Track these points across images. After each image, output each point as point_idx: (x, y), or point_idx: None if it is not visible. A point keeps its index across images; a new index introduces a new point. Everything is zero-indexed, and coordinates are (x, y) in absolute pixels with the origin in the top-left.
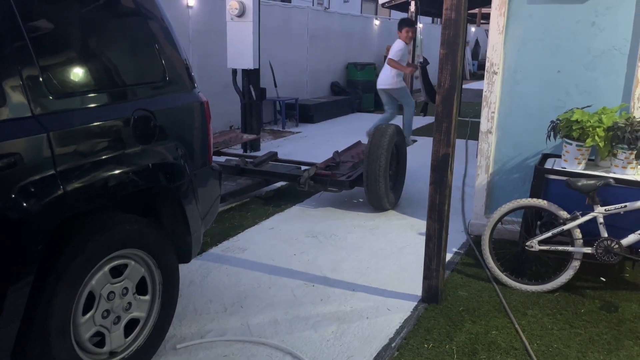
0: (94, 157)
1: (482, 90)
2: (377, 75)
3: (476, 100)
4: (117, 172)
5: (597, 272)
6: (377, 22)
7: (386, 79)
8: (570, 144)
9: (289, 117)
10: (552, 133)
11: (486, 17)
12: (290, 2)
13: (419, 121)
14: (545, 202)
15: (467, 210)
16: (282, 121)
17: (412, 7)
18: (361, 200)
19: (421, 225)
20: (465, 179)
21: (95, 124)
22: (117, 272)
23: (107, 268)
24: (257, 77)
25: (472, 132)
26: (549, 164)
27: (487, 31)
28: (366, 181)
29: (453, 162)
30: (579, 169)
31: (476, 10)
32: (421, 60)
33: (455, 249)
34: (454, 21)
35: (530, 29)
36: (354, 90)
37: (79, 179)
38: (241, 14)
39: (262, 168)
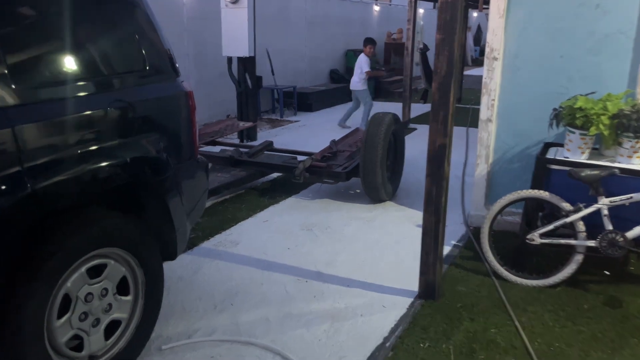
0: (66, 152)
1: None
2: (377, 62)
3: (477, 87)
4: (92, 167)
5: (601, 265)
6: (376, 7)
7: (356, 83)
8: (574, 133)
9: (287, 105)
10: (554, 121)
11: (488, 1)
12: None
13: (419, 109)
14: (547, 193)
15: (467, 201)
16: (280, 110)
17: None
18: (358, 191)
19: (419, 217)
20: (466, 169)
21: (67, 116)
22: (96, 272)
23: (84, 268)
24: (252, 65)
25: (472, 119)
26: (551, 153)
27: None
28: (362, 172)
29: (450, 152)
30: (582, 158)
31: None
32: (421, 46)
33: (454, 242)
34: (451, 4)
35: (531, 12)
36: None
37: (50, 176)
38: (236, 0)
39: (256, 159)
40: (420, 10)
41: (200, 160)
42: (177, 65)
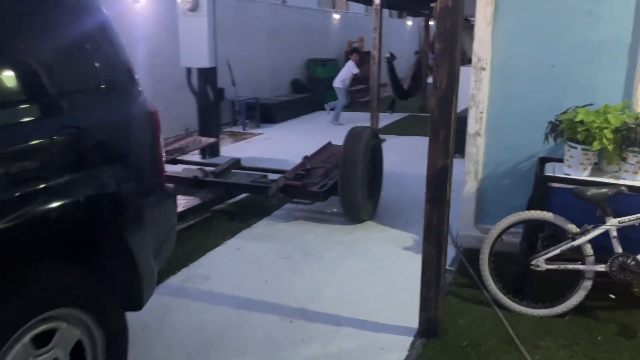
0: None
1: None
2: (339, 72)
3: None
4: (36, 212)
5: (605, 288)
6: (336, 16)
7: (337, 82)
8: (575, 148)
9: (249, 117)
10: (552, 135)
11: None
12: None
13: (386, 118)
14: (551, 214)
15: (454, 219)
16: (243, 122)
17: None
18: (335, 210)
19: (403, 237)
20: None
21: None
22: (43, 339)
23: (27, 338)
24: (213, 76)
25: None
26: (549, 169)
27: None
28: (341, 192)
29: (451, 175)
30: (585, 175)
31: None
32: (388, 55)
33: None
34: (452, 9)
35: (520, 19)
36: (315, 87)
37: None
38: (194, 7)
39: (224, 179)
40: None
41: (167, 190)
42: (137, 80)
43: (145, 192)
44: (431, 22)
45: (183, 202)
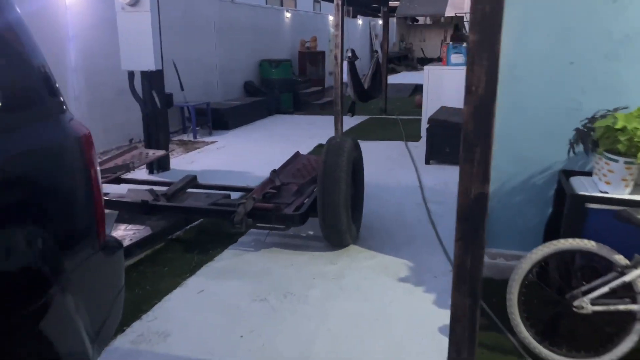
0: None
1: (406, 84)
2: (294, 73)
3: (398, 95)
4: None
5: None
6: (288, 14)
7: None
8: (616, 161)
9: (200, 124)
10: (581, 145)
11: (392, 10)
12: None
13: (347, 122)
14: (594, 244)
15: (446, 238)
16: (193, 130)
17: None
18: (312, 233)
19: (395, 264)
20: (424, 193)
21: None
22: None
23: None
24: (160, 80)
25: (405, 132)
26: (579, 186)
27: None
28: (322, 214)
29: (487, 205)
30: (626, 193)
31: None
32: (349, 54)
33: (442, 297)
34: None
35: (532, 10)
36: (270, 90)
37: None
38: (135, 2)
39: (179, 203)
40: (330, 17)
41: (109, 243)
42: (59, 92)
43: (74, 250)
44: (380, 22)
45: (129, 233)
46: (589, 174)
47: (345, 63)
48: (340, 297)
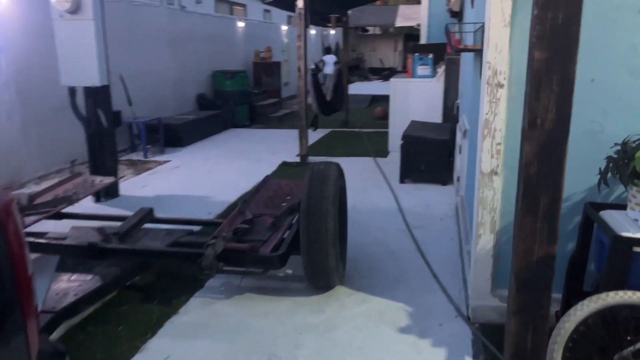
0: None
1: (364, 94)
2: (249, 85)
3: (356, 106)
4: None
5: None
6: (241, 24)
7: None
8: None
9: (151, 142)
10: (615, 176)
11: (340, 20)
12: None
13: (310, 136)
14: None
15: (437, 267)
16: (144, 148)
17: (300, 3)
18: (290, 271)
19: (391, 310)
20: (405, 216)
21: None
22: None
23: None
24: (107, 96)
25: (371, 144)
26: (614, 223)
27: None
28: (307, 255)
29: (554, 269)
30: None
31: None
32: (312, 66)
33: (455, 352)
34: None
35: None
36: (225, 103)
37: None
38: (75, 9)
39: (134, 245)
40: (284, 27)
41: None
42: None
43: None
44: (332, 32)
45: (74, 285)
46: (619, 206)
47: (308, 75)
48: (332, 356)
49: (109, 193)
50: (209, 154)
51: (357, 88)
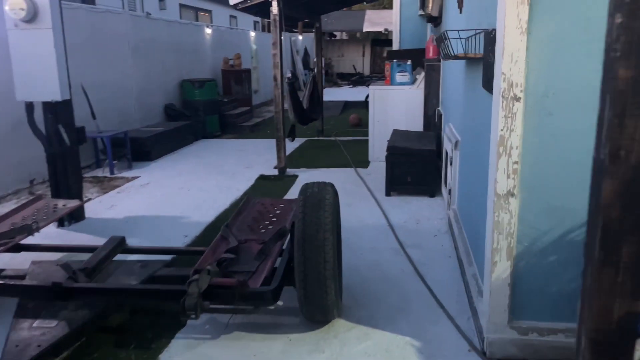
0: None
1: (335, 101)
2: (219, 93)
3: (329, 113)
4: None
5: None
6: (208, 30)
7: None
8: None
9: (117, 156)
10: None
11: (309, 25)
12: (94, 4)
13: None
14: None
15: (440, 292)
16: (110, 164)
17: (275, 9)
18: (280, 303)
19: (399, 346)
20: (397, 233)
21: None
22: None
23: None
24: (68, 112)
25: (350, 156)
26: None
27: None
28: (304, 290)
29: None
30: None
31: None
32: (289, 75)
33: None
34: None
35: (571, 25)
36: (194, 113)
37: None
38: (31, 17)
39: (104, 283)
40: (252, 34)
41: None
42: None
43: None
44: (300, 37)
45: (36, 334)
46: None
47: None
48: None
49: (74, 216)
50: (180, 168)
51: (329, 94)
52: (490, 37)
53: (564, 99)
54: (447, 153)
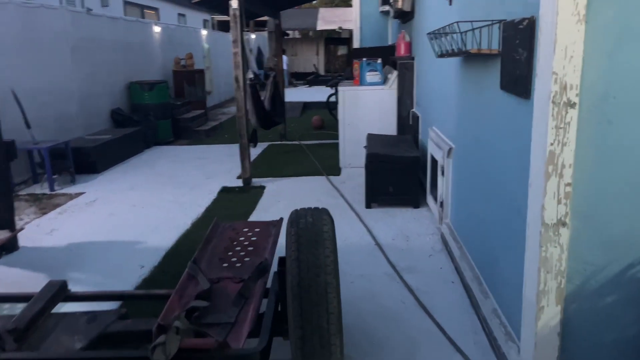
0: None
1: (294, 102)
2: (171, 96)
3: (289, 115)
4: None
5: None
6: (157, 28)
7: None
8: None
9: (58, 170)
10: None
11: (260, 24)
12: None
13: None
14: None
15: (450, 328)
16: (49, 179)
17: (235, 3)
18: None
19: None
20: (387, 254)
21: None
22: None
23: None
24: None
25: (319, 162)
26: None
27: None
28: (301, 348)
29: None
30: None
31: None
32: (251, 76)
33: None
34: None
35: (634, 10)
36: (144, 118)
37: None
38: None
39: (40, 352)
40: (204, 32)
41: None
42: None
43: None
44: (253, 36)
45: None
46: None
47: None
48: None
49: (5, 247)
50: (131, 181)
51: (286, 95)
52: (518, 29)
53: (628, 103)
54: (433, 160)
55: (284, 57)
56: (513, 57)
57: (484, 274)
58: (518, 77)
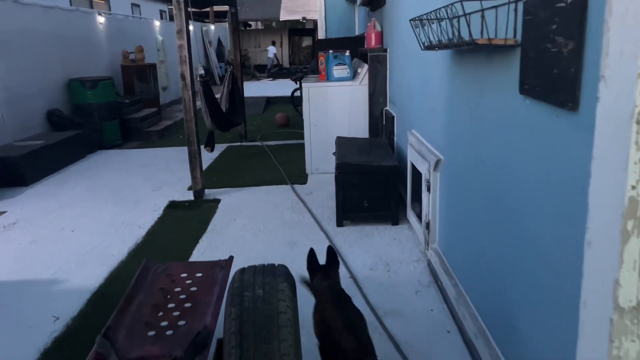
0: None
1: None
2: (118, 94)
3: (250, 111)
4: None
5: None
6: (101, 19)
7: None
8: None
9: None
10: None
11: (220, 14)
12: None
13: (203, 159)
14: None
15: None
16: None
17: None
18: None
19: None
20: (364, 290)
21: None
22: None
23: None
24: None
25: (283, 168)
26: None
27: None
28: None
29: None
30: None
31: (207, 9)
32: (201, 72)
33: None
34: None
35: None
36: (87, 119)
37: None
38: None
39: None
40: (157, 23)
41: None
42: None
43: None
44: (212, 27)
45: None
46: None
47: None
48: None
49: None
50: (64, 197)
51: (248, 89)
52: (556, 9)
53: None
54: (414, 169)
55: (272, 48)
56: (546, 49)
57: (494, 334)
58: (556, 79)
